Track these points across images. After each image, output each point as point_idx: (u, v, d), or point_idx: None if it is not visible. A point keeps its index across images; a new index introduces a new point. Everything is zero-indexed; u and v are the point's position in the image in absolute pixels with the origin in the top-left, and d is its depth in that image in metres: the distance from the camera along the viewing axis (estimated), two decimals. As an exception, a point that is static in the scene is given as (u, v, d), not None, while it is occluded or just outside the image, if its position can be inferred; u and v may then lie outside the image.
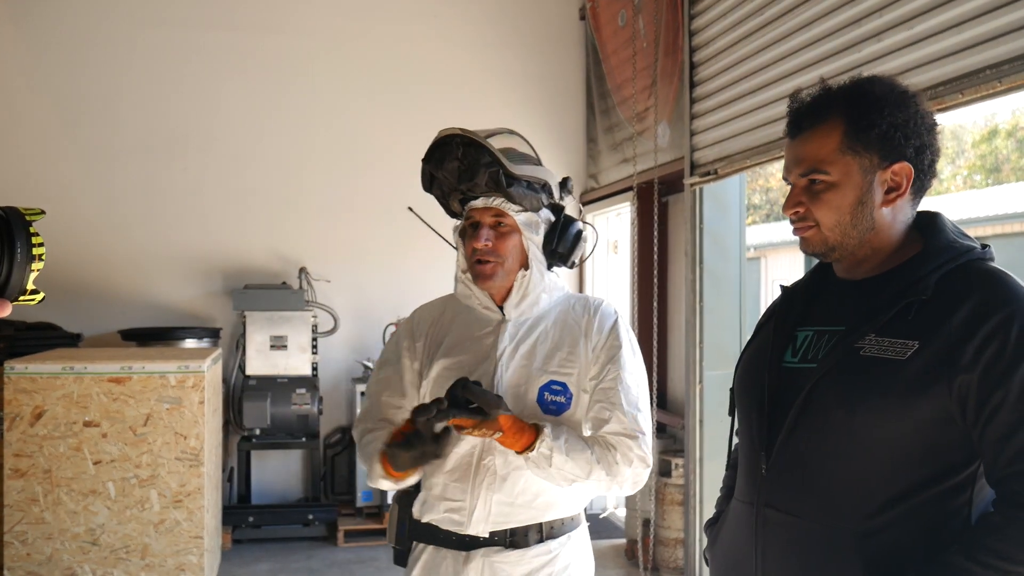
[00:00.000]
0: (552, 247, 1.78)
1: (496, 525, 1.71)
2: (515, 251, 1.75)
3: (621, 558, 4.91)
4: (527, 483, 1.70)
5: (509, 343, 1.76)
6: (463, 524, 1.72)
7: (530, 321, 1.79)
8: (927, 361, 1.24)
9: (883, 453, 1.27)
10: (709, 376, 4.21)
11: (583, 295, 1.87)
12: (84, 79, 5.49)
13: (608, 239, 6.04)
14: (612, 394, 1.70)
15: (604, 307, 1.81)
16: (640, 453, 1.69)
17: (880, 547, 1.26)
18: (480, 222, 1.74)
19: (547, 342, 1.76)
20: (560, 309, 1.81)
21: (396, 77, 5.83)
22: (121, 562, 3.70)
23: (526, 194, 1.72)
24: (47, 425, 3.64)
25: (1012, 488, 1.20)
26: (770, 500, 1.37)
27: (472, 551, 1.72)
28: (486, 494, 1.70)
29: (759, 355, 1.47)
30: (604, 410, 1.70)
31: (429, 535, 1.77)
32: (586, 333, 1.76)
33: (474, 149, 1.69)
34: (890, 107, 1.32)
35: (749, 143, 3.82)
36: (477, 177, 1.68)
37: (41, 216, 0.95)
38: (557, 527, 1.76)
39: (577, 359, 1.74)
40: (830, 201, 1.35)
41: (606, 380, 1.72)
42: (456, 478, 1.72)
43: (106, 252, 5.49)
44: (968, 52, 2.58)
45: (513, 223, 1.74)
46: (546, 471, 1.61)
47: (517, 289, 1.76)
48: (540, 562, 1.73)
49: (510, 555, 1.71)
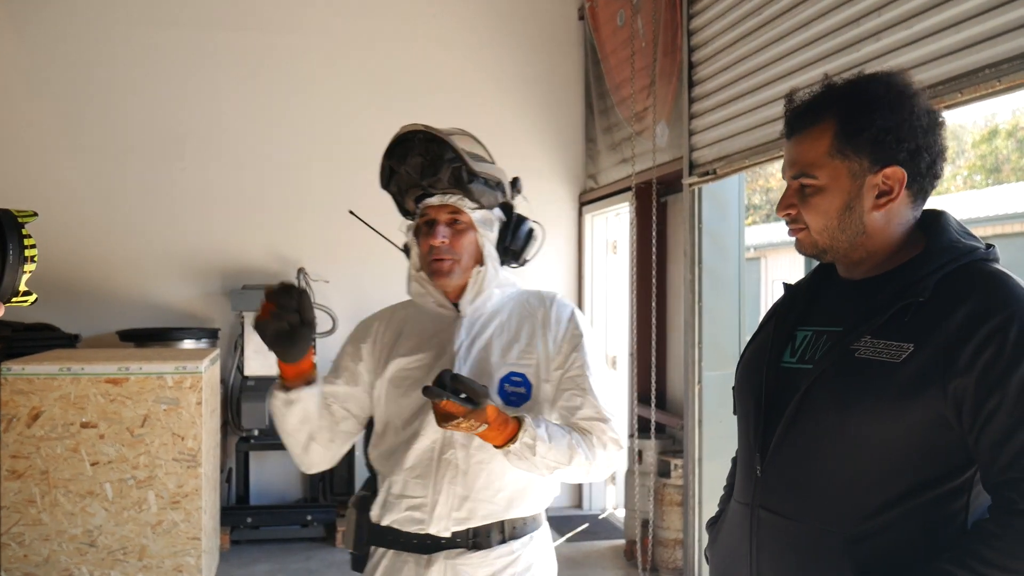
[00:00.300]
0: (505, 244, 1.82)
1: (458, 523, 1.70)
2: (470, 248, 1.76)
3: (620, 559, 4.90)
4: (489, 478, 1.70)
5: (466, 338, 1.77)
6: (425, 522, 1.70)
7: (485, 316, 1.80)
8: (922, 364, 1.21)
9: (876, 456, 1.25)
10: (708, 376, 4.20)
11: (535, 290, 1.88)
12: (82, 80, 5.48)
13: (607, 239, 6.03)
14: (581, 381, 1.74)
15: (559, 299, 1.84)
16: (613, 436, 1.72)
17: (873, 551, 1.24)
18: (436, 219, 1.74)
19: (504, 335, 1.78)
20: (514, 303, 1.83)
21: (394, 77, 5.82)
22: (118, 563, 3.69)
23: (484, 191, 1.75)
24: (44, 426, 3.63)
25: (1007, 495, 1.17)
26: (764, 502, 1.36)
27: (434, 554, 1.70)
28: (448, 488, 1.69)
29: (758, 355, 1.45)
30: (575, 397, 1.73)
31: (389, 539, 1.75)
32: (544, 325, 1.79)
33: (436, 145, 1.70)
34: (882, 110, 1.29)
35: (748, 143, 3.82)
36: (440, 172, 1.70)
37: (34, 218, 0.94)
38: (519, 527, 1.76)
39: (535, 351, 1.76)
40: (818, 205, 1.34)
41: (572, 368, 1.75)
42: (417, 474, 1.71)
43: (104, 252, 5.48)
44: (967, 51, 2.57)
45: (469, 220, 1.75)
46: (529, 461, 1.59)
47: (472, 285, 1.78)
48: (503, 563, 1.72)
49: (472, 557, 1.70)
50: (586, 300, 6.03)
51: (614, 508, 5.89)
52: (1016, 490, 1.16)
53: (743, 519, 1.40)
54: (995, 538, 1.16)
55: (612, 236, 6.01)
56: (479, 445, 1.68)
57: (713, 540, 1.53)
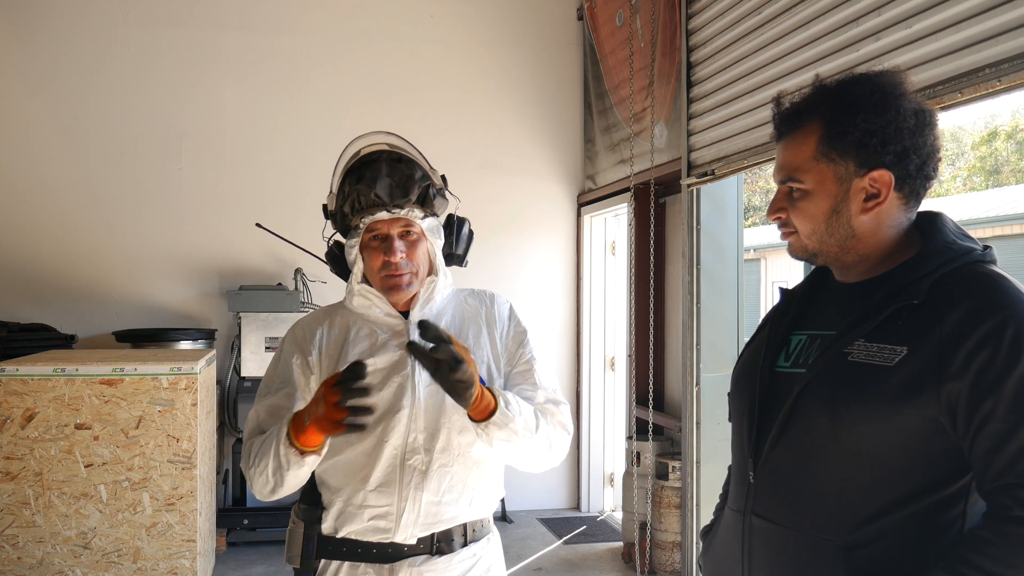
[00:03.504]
0: (451, 250, 1.82)
1: (424, 528, 1.67)
2: (424, 259, 1.75)
3: (618, 561, 4.88)
4: (452, 480, 1.68)
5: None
6: (390, 531, 1.66)
7: (431, 319, 1.77)
8: (915, 368, 1.19)
9: (869, 462, 1.22)
10: (706, 378, 4.19)
11: (470, 288, 1.88)
12: (78, 80, 5.46)
13: (606, 240, 6.01)
14: (530, 375, 1.76)
15: (497, 297, 1.85)
16: (563, 419, 1.74)
17: (868, 560, 1.21)
18: (389, 234, 1.69)
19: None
20: (454, 304, 1.82)
21: (393, 78, 5.81)
22: (113, 566, 3.67)
23: (443, 203, 1.75)
24: (38, 427, 3.61)
25: (1001, 501, 1.14)
26: (756, 508, 1.34)
27: (397, 562, 1.67)
28: (414, 494, 1.66)
29: (753, 359, 1.44)
30: (526, 389, 1.74)
31: (345, 551, 1.69)
32: (488, 323, 1.80)
33: (405, 164, 1.67)
34: (866, 112, 1.27)
35: (746, 143, 3.80)
36: (411, 193, 1.66)
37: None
38: (478, 529, 1.75)
39: (483, 348, 1.77)
40: (805, 209, 1.32)
41: (520, 364, 1.78)
42: (381, 483, 1.67)
43: (101, 253, 5.47)
44: (967, 51, 2.55)
45: (420, 231, 1.72)
46: (512, 424, 1.57)
47: (424, 294, 1.76)
48: (466, 566, 1.71)
49: (437, 562, 1.68)
50: (584, 301, 6.00)
51: (612, 510, 5.88)
52: (1010, 496, 1.13)
53: (736, 526, 1.38)
54: (988, 544, 1.13)
55: (611, 237, 5.99)
56: (441, 448, 1.67)
57: (707, 548, 1.51)
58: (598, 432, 5.96)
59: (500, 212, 5.86)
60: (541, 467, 1.75)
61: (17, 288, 5.34)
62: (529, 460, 1.71)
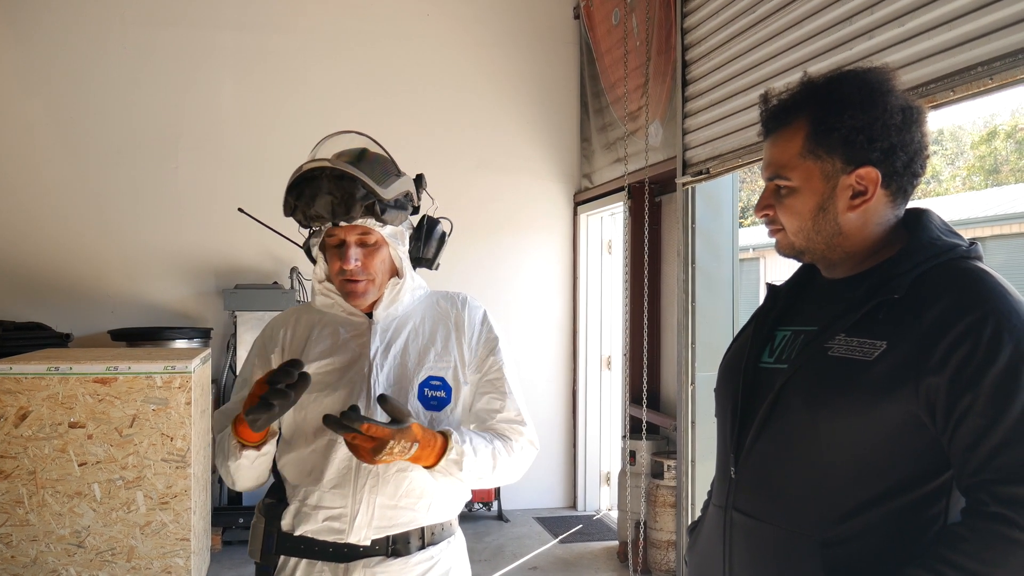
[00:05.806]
0: (419, 254, 1.78)
1: (378, 531, 1.66)
2: (384, 265, 1.71)
3: (613, 560, 4.88)
4: (409, 485, 1.66)
5: (380, 343, 1.72)
6: (344, 532, 1.65)
7: (397, 321, 1.76)
8: (894, 362, 1.18)
9: (848, 457, 1.22)
10: (701, 377, 4.18)
11: (444, 291, 1.85)
12: (74, 79, 5.46)
13: (602, 239, 6.01)
14: (500, 384, 1.74)
15: (470, 301, 1.82)
16: (531, 437, 1.74)
17: (847, 557, 1.20)
18: (346, 240, 1.66)
19: (419, 339, 1.75)
20: (425, 306, 1.80)
21: (390, 77, 5.80)
22: (107, 564, 3.66)
23: (396, 214, 1.67)
24: (32, 426, 3.60)
25: (978, 497, 1.13)
26: (737, 504, 1.33)
27: (352, 562, 1.66)
28: (368, 497, 1.65)
29: (737, 355, 1.44)
30: (495, 400, 1.73)
31: (302, 549, 1.69)
32: (457, 327, 1.77)
33: (347, 182, 1.60)
34: (852, 109, 1.26)
35: (741, 142, 3.79)
36: (352, 211, 1.60)
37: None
38: (437, 532, 1.73)
39: (451, 353, 1.74)
40: (792, 206, 1.32)
41: (491, 372, 1.75)
42: (335, 485, 1.66)
43: (97, 251, 5.46)
44: (959, 49, 2.55)
45: (380, 238, 1.68)
46: (455, 476, 1.57)
47: (388, 295, 1.74)
48: (422, 569, 1.69)
49: (392, 564, 1.66)
50: (581, 300, 6.00)
51: (608, 509, 5.88)
52: (987, 492, 1.12)
53: (718, 522, 1.38)
54: (963, 541, 1.12)
55: (607, 236, 5.99)
56: None
57: (692, 544, 1.51)
58: (594, 431, 5.96)
59: (496, 211, 5.86)
60: (501, 485, 1.76)
61: (12, 287, 5.34)
62: (488, 485, 1.71)
